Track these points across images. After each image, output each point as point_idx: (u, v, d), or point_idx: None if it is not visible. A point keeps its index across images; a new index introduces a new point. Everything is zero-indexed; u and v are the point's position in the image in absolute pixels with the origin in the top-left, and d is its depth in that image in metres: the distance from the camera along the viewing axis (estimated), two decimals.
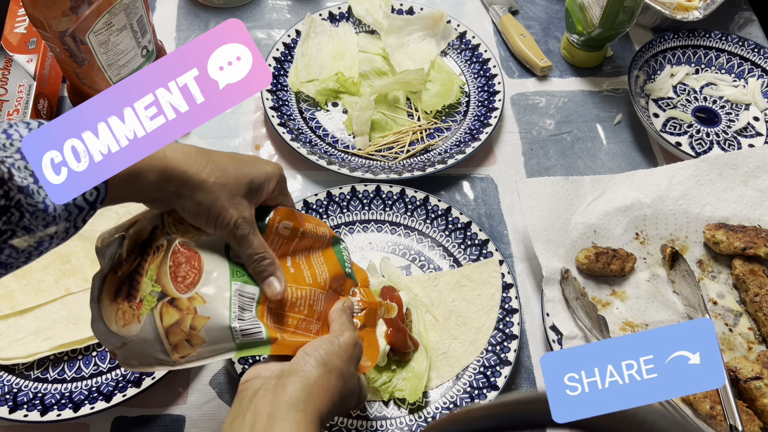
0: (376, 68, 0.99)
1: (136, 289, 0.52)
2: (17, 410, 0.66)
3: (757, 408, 0.69)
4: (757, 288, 0.77)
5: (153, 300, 0.51)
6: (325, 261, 0.62)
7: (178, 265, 0.52)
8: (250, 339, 0.52)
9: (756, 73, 1.00)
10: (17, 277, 0.74)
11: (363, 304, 0.63)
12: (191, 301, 0.51)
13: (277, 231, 0.58)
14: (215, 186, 0.53)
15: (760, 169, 0.86)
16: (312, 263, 0.61)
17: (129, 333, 0.51)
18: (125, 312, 0.52)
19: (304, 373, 0.49)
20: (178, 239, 0.53)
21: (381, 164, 0.89)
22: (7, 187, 0.41)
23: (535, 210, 0.80)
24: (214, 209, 0.53)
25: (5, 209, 0.41)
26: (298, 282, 0.58)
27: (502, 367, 0.72)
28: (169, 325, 0.50)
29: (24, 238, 0.43)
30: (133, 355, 0.52)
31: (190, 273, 0.52)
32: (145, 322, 0.51)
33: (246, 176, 0.55)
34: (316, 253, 0.62)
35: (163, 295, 0.51)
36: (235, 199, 0.54)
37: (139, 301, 0.52)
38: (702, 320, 0.35)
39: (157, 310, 0.51)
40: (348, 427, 0.69)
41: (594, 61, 1.03)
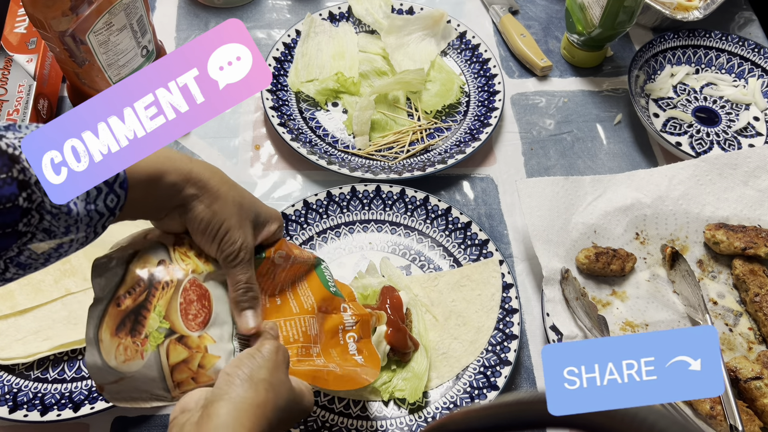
0: (376, 68, 0.99)
1: (142, 324, 0.50)
2: (17, 410, 0.66)
3: (757, 408, 0.69)
4: (757, 288, 0.77)
5: (160, 336, 0.50)
6: (309, 287, 0.63)
7: (189, 303, 0.52)
8: None
9: (756, 73, 1.00)
10: None
11: (355, 317, 0.64)
12: (201, 339, 0.51)
13: (273, 261, 0.59)
14: (232, 202, 0.54)
15: (760, 169, 0.85)
16: (297, 293, 0.62)
17: (129, 369, 0.49)
18: (127, 347, 0.49)
19: (229, 395, 0.46)
20: (189, 275, 0.53)
21: (381, 164, 0.89)
22: (31, 190, 0.41)
23: (535, 210, 0.80)
24: (226, 224, 0.53)
25: (27, 211, 0.41)
26: (286, 314, 0.59)
27: (502, 367, 0.72)
28: (175, 362, 0.50)
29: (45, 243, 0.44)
30: (126, 391, 0.50)
31: (201, 312, 0.52)
32: (149, 358, 0.49)
33: (255, 208, 0.57)
34: (301, 281, 0.63)
35: (171, 332, 0.50)
36: (244, 223, 0.55)
37: (144, 337, 0.50)
38: (706, 327, 0.35)
39: (164, 347, 0.50)
40: (348, 427, 0.69)
41: (594, 61, 1.03)
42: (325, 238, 0.82)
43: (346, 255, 0.82)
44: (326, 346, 0.61)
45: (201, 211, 0.53)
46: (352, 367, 0.61)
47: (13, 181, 0.41)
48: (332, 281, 0.66)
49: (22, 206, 0.41)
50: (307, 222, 0.82)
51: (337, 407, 0.70)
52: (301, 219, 0.82)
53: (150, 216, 0.54)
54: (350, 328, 0.63)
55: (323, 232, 0.83)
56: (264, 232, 0.58)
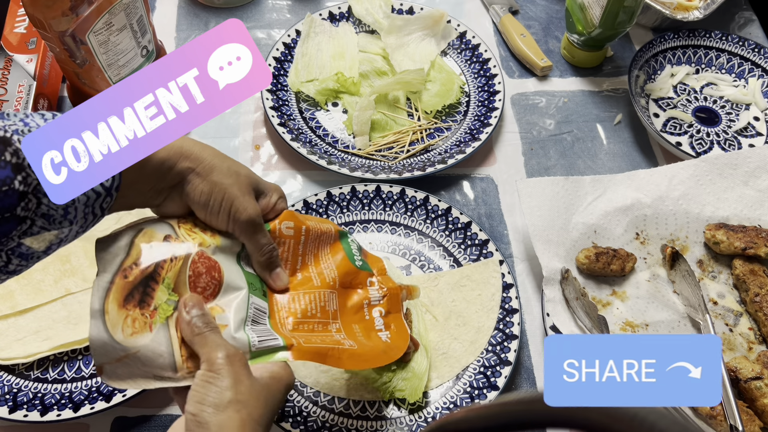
0: (376, 68, 0.99)
1: (151, 296, 0.49)
2: (17, 410, 0.66)
3: (758, 408, 0.69)
4: (758, 288, 0.77)
5: (169, 309, 0.49)
6: (333, 259, 0.62)
7: (198, 275, 0.51)
8: (265, 346, 0.51)
9: (756, 73, 1.00)
10: (17, 277, 0.74)
11: (382, 291, 0.63)
12: (211, 311, 0.51)
13: (281, 232, 0.58)
14: (228, 172, 0.53)
15: (760, 169, 0.85)
16: (320, 264, 0.61)
17: (135, 343, 0.48)
18: (135, 320, 0.48)
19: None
20: (196, 248, 0.52)
21: (381, 164, 0.89)
22: (26, 173, 0.42)
23: (535, 210, 0.80)
24: (229, 194, 0.53)
25: (24, 195, 0.42)
26: (307, 287, 0.58)
27: (502, 367, 0.72)
28: (183, 332, 0.49)
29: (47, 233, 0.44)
30: (129, 370, 0.48)
31: (211, 283, 0.52)
32: (158, 331, 0.48)
33: (253, 178, 0.57)
34: (324, 252, 0.62)
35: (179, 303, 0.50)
36: (247, 190, 0.55)
37: (153, 309, 0.49)
38: (710, 337, 0.35)
39: (173, 320, 0.49)
40: (348, 427, 0.69)
41: (594, 61, 1.03)
42: None
43: None
44: (348, 321, 0.60)
45: (199, 184, 0.52)
46: (375, 345, 0.59)
47: (7, 164, 0.41)
48: (359, 255, 0.64)
49: (18, 189, 0.41)
50: None
51: (337, 407, 0.70)
52: None
53: (149, 201, 0.53)
54: (377, 303, 0.62)
55: None
56: (264, 202, 0.58)
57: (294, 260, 0.60)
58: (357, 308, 0.62)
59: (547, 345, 0.35)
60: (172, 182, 0.52)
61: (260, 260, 0.56)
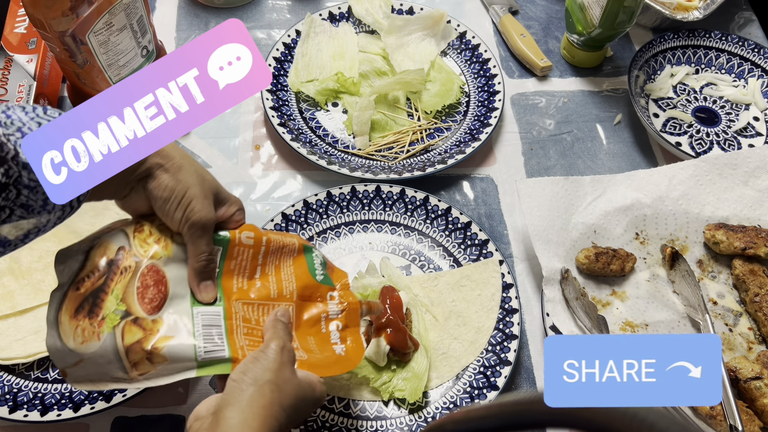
0: (376, 68, 0.99)
1: (99, 306, 0.53)
2: (17, 410, 0.66)
3: (757, 408, 0.69)
4: (757, 288, 0.77)
5: (116, 318, 0.52)
6: (294, 272, 0.63)
7: (146, 287, 0.54)
8: (211, 357, 0.53)
9: (756, 73, 1.00)
10: (17, 277, 0.74)
11: (342, 306, 0.64)
12: (156, 322, 0.53)
13: (241, 240, 0.59)
14: (195, 173, 0.56)
15: (760, 169, 0.86)
16: (281, 276, 0.62)
17: (86, 350, 0.51)
18: (84, 329, 0.52)
19: (236, 399, 0.49)
20: (146, 261, 0.55)
21: (381, 164, 0.89)
22: (8, 165, 0.42)
23: (535, 210, 0.80)
24: (190, 193, 0.54)
25: (4, 186, 0.42)
26: (263, 297, 0.60)
27: (502, 367, 0.72)
28: (130, 343, 0.52)
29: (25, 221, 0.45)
30: (87, 374, 0.52)
31: (158, 295, 0.54)
32: (105, 339, 0.52)
33: (216, 185, 0.58)
34: (286, 264, 0.63)
35: (127, 314, 0.53)
36: (207, 195, 0.56)
37: (101, 319, 0.52)
38: (711, 336, 0.35)
39: (119, 329, 0.52)
40: (348, 427, 0.69)
41: (594, 61, 1.03)
42: (325, 238, 0.82)
43: (346, 255, 0.82)
44: (304, 333, 0.61)
45: (166, 179, 0.54)
46: (328, 357, 0.61)
47: None
48: (322, 270, 0.65)
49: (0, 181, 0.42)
50: (307, 222, 0.82)
51: (337, 407, 0.70)
52: (301, 219, 0.82)
53: (116, 192, 0.55)
54: (335, 317, 0.63)
55: (323, 232, 0.83)
56: (222, 211, 0.59)
57: (252, 269, 0.61)
58: (314, 321, 0.63)
59: (547, 345, 0.35)
60: (141, 175, 0.54)
61: (194, 266, 0.56)
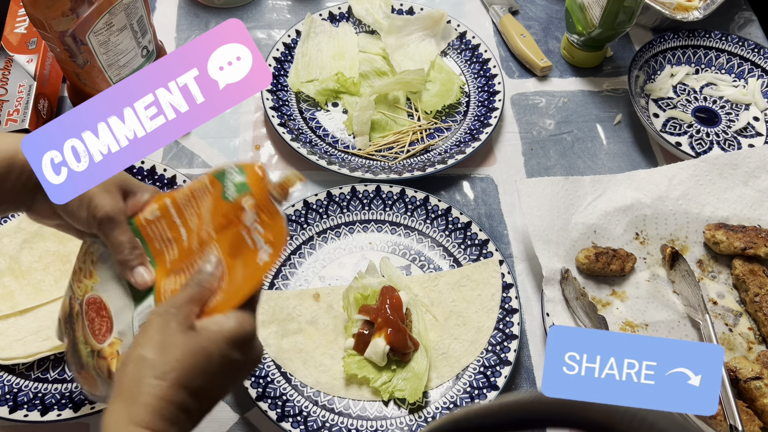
0: (376, 68, 0.99)
1: (81, 358, 0.56)
2: (17, 410, 0.66)
3: (757, 408, 0.69)
4: (757, 288, 0.77)
5: (91, 360, 0.55)
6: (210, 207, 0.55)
7: (92, 321, 0.55)
8: None
9: (756, 73, 1.00)
10: (17, 277, 0.74)
11: (254, 206, 0.54)
12: (112, 346, 0.54)
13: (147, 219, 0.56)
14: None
15: (760, 169, 0.86)
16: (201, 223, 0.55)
17: (101, 394, 0.56)
18: (86, 379, 0.56)
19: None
20: (83, 297, 0.56)
21: (381, 164, 0.89)
22: None
23: (535, 210, 0.80)
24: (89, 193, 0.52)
25: None
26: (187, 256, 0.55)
27: (502, 367, 0.72)
28: (106, 375, 0.54)
29: None
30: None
31: (103, 322, 0.55)
32: (98, 382, 0.55)
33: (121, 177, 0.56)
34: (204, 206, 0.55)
35: (92, 352, 0.55)
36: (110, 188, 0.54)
37: (88, 369, 0.55)
38: (714, 346, 0.35)
39: (97, 368, 0.54)
40: (348, 427, 0.69)
41: (594, 61, 1.03)
42: (325, 238, 0.82)
43: (346, 255, 0.82)
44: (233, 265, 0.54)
45: None
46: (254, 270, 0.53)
47: None
48: (231, 186, 0.55)
49: None
50: (307, 222, 0.82)
51: (337, 407, 0.70)
52: (301, 219, 0.82)
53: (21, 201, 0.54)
54: (254, 222, 0.54)
55: (323, 232, 0.83)
56: (134, 201, 0.56)
57: (177, 237, 0.56)
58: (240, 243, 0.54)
59: (551, 335, 0.35)
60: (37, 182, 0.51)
61: (119, 259, 0.54)
